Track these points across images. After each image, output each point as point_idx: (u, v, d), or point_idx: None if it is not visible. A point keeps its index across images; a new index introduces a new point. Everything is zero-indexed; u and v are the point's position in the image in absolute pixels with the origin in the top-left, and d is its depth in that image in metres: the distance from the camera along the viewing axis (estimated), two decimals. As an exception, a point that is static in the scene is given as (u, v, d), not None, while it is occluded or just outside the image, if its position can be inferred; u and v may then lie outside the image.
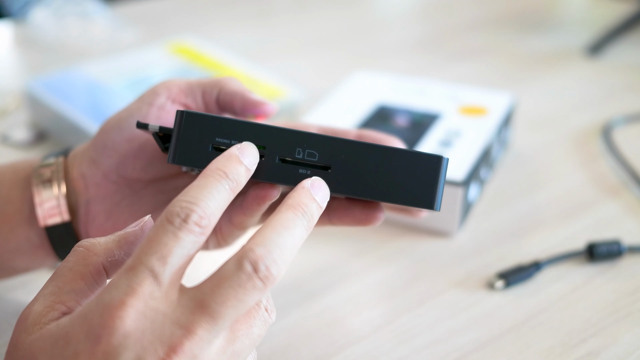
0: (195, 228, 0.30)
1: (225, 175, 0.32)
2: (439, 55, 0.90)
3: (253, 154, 0.34)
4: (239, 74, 0.74)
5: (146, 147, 0.42)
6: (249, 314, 0.32)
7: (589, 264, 0.51)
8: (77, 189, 0.42)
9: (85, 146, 0.43)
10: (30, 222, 0.42)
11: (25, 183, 0.43)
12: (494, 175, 0.63)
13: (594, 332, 0.45)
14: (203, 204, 0.31)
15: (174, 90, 0.41)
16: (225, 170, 0.32)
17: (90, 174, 0.42)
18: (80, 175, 0.42)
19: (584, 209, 0.58)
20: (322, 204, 0.34)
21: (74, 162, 0.43)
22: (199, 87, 0.42)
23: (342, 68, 0.82)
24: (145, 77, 0.73)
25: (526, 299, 0.48)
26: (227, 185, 0.32)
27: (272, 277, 0.30)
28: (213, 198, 0.31)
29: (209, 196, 0.31)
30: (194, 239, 0.30)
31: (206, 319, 0.29)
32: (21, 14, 1.11)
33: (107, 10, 0.96)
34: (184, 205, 0.30)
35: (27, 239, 0.43)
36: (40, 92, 0.68)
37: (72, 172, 0.42)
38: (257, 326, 0.32)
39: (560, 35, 0.96)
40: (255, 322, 0.32)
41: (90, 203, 0.42)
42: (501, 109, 0.63)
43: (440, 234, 0.55)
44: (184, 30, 0.90)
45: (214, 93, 0.41)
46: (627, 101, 0.77)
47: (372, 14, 1.10)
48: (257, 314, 0.32)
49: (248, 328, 0.32)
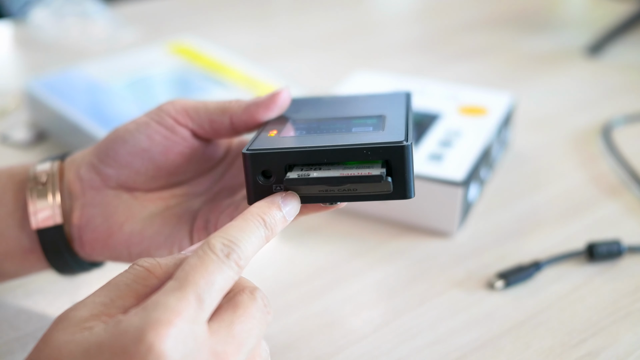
0: (235, 266, 0.31)
1: (263, 223, 0.34)
2: (439, 55, 0.90)
3: (294, 205, 0.35)
4: (239, 74, 0.74)
5: (149, 163, 0.41)
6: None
7: (589, 264, 0.51)
8: (73, 191, 0.42)
9: (87, 151, 0.43)
10: (22, 225, 0.42)
11: (20, 186, 0.42)
12: (494, 175, 0.63)
13: (594, 332, 0.45)
14: (242, 245, 0.32)
15: (181, 113, 0.41)
16: (264, 217, 0.34)
17: (88, 178, 0.42)
18: (77, 178, 0.42)
19: (584, 209, 0.58)
20: (288, 217, 0.35)
21: (72, 165, 0.42)
22: (206, 114, 0.41)
23: (342, 68, 0.82)
24: (145, 77, 0.73)
25: (526, 299, 0.48)
26: (263, 232, 0.33)
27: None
28: (250, 242, 0.32)
29: (247, 239, 0.32)
30: (232, 274, 0.31)
31: (236, 348, 0.30)
32: (21, 14, 1.11)
33: (107, 10, 0.96)
34: (226, 243, 0.31)
35: (18, 243, 0.42)
36: (40, 92, 0.68)
37: (69, 174, 0.42)
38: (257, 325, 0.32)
39: (560, 35, 0.97)
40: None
41: (86, 206, 0.42)
42: (501, 109, 0.63)
43: (440, 234, 0.55)
44: (184, 30, 0.90)
45: (225, 121, 0.41)
46: (627, 101, 0.77)
47: (372, 14, 1.10)
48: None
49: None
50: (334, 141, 0.35)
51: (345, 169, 0.35)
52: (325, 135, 0.37)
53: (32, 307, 0.47)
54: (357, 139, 0.35)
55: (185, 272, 0.30)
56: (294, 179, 0.34)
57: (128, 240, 0.42)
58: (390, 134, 0.36)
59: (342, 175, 0.34)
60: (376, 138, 0.35)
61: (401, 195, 0.35)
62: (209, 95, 0.69)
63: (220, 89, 0.71)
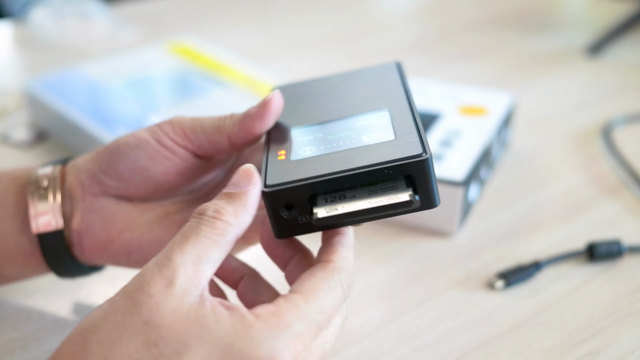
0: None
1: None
2: (439, 55, 0.90)
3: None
4: (239, 74, 0.74)
5: (149, 181, 0.41)
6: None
7: (589, 264, 0.51)
8: (74, 196, 0.42)
9: (88, 157, 0.43)
10: (22, 229, 0.42)
11: (21, 189, 0.42)
12: (494, 175, 0.63)
13: (594, 332, 0.45)
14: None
15: (180, 135, 0.41)
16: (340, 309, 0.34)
17: (89, 185, 0.42)
18: (79, 184, 0.42)
19: (584, 209, 0.58)
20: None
21: (73, 170, 0.42)
22: (204, 135, 0.40)
23: (342, 68, 0.82)
24: (145, 77, 0.73)
25: (526, 299, 0.48)
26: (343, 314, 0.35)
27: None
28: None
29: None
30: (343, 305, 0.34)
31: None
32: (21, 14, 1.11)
33: (107, 10, 0.96)
34: (350, 283, 0.33)
35: (18, 246, 0.42)
36: (40, 92, 0.68)
37: (70, 178, 0.42)
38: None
39: (560, 35, 0.96)
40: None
41: (86, 212, 0.42)
42: (501, 109, 0.63)
43: (440, 234, 0.55)
44: (184, 30, 0.90)
45: (223, 141, 0.40)
46: (627, 101, 0.77)
47: (372, 14, 1.10)
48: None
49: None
50: (351, 161, 0.34)
51: (371, 193, 0.33)
52: (338, 150, 0.35)
53: (32, 307, 0.47)
54: (374, 155, 0.34)
55: (318, 298, 0.32)
56: (325, 217, 0.33)
57: (127, 248, 0.42)
58: (405, 143, 0.34)
59: (372, 207, 0.33)
60: (394, 152, 0.34)
61: (427, 206, 0.34)
62: (209, 95, 0.69)
63: (220, 89, 0.71)
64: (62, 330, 0.45)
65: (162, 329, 0.29)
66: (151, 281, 0.30)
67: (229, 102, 0.68)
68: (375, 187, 0.34)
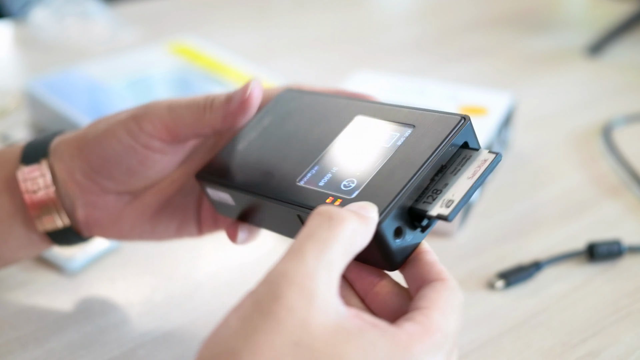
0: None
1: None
2: (439, 55, 0.90)
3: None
4: (239, 74, 0.74)
5: (146, 179, 0.42)
6: None
7: (589, 264, 0.51)
8: (70, 192, 0.42)
9: (74, 152, 0.41)
10: (26, 224, 0.42)
11: (10, 186, 0.42)
12: (494, 175, 0.63)
13: (594, 332, 0.45)
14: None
15: (162, 132, 0.40)
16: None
17: (86, 184, 0.41)
18: (74, 182, 0.41)
19: (584, 209, 0.58)
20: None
21: (61, 165, 0.41)
22: (187, 128, 0.40)
23: (342, 68, 0.82)
24: (145, 77, 0.73)
25: (526, 299, 0.48)
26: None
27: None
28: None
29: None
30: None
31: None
32: (21, 14, 1.11)
33: (107, 10, 0.96)
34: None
35: (27, 238, 0.43)
36: (40, 92, 0.68)
37: (61, 174, 0.42)
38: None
39: (560, 35, 0.96)
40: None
41: (89, 207, 0.42)
42: (501, 109, 0.63)
43: (440, 234, 0.55)
44: (184, 30, 0.90)
45: (209, 132, 0.40)
46: (627, 101, 0.77)
47: (372, 14, 1.10)
48: None
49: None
50: (413, 160, 0.33)
51: (455, 173, 0.33)
52: (384, 165, 0.34)
53: (32, 307, 0.47)
54: (420, 145, 0.33)
55: (451, 314, 0.31)
56: (452, 210, 0.32)
57: (140, 236, 0.44)
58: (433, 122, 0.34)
59: (474, 181, 0.32)
60: (438, 132, 0.34)
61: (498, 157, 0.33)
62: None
63: (220, 89, 0.71)
64: (62, 330, 0.45)
65: (316, 352, 0.26)
66: (288, 291, 0.27)
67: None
68: (450, 169, 0.33)
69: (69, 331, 0.45)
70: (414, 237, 0.33)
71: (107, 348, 0.44)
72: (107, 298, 0.48)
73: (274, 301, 0.27)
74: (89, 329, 0.45)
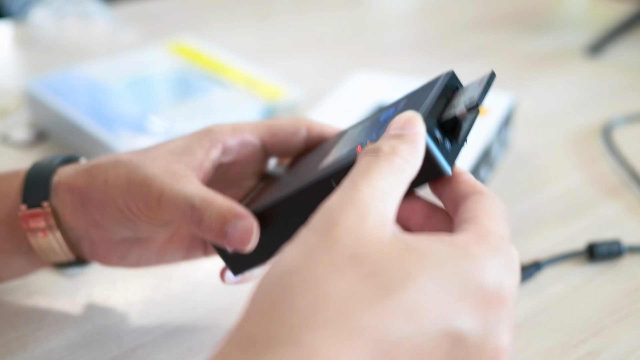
0: None
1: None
2: (439, 55, 0.90)
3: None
4: (239, 74, 0.74)
5: (126, 222, 0.40)
6: None
7: (589, 264, 0.51)
8: (74, 228, 0.41)
9: (77, 202, 0.40)
10: (30, 251, 0.42)
11: (11, 223, 0.41)
12: (494, 175, 0.63)
13: (594, 332, 0.45)
14: None
15: (151, 214, 0.38)
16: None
17: (93, 231, 0.41)
18: (79, 226, 0.41)
19: (584, 209, 0.58)
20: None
21: (65, 211, 0.40)
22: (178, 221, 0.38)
23: (342, 68, 0.82)
24: (145, 77, 0.73)
25: (526, 299, 0.48)
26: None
27: None
28: None
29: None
30: None
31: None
32: (21, 14, 1.11)
33: (107, 10, 0.96)
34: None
35: (29, 261, 0.43)
36: (40, 92, 0.68)
37: (67, 218, 0.41)
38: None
39: (560, 35, 0.96)
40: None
41: (95, 243, 0.42)
42: (501, 109, 0.63)
43: (440, 234, 0.55)
44: (184, 30, 0.90)
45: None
46: (627, 101, 0.77)
47: (372, 14, 1.10)
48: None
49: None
50: (422, 89, 0.38)
51: (463, 93, 0.37)
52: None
53: (32, 307, 0.47)
54: (423, 88, 0.39)
55: (498, 220, 0.30)
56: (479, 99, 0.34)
57: (147, 266, 0.44)
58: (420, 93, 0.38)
59: (483, 88, 0.35)
60: (433, 82, 0.38)
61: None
62: (209, 95, 0.69)
63: (220, 89, 0.71)
64: (62, 330, 0.45)
65: (373, 261, 0.26)
66: (343, 214, 0.27)
67: (229, 102, 0.68)
68: (455, 95, 0.37)
69: (69, 331, 0.45)
70: (452, 147, 0.34)
71: (107, 348, 0.44)
72: (107, 298, 0.48)
73: (328, 223, 0.27)
74: (89, 329, 0.45)
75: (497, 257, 0.28)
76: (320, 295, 0.25)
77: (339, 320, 0.25)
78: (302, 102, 0.71)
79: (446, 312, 0.26)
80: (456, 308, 0.26)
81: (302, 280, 0.26)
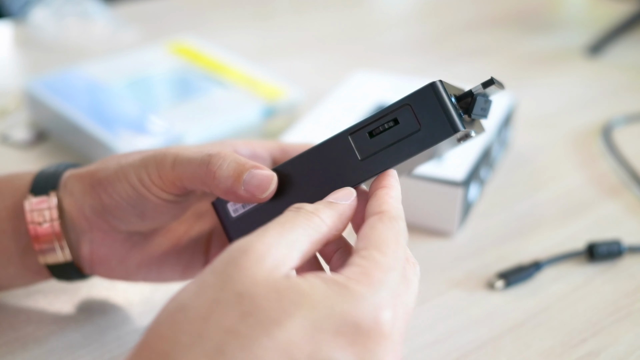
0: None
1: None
2: (439, 55, 0.90)
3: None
4: (239, 74, 0.74)
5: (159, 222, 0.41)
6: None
7: (589, 264, 0.51)
8: (77, 226, 0.41)
9: (87, 189, 0.41)
10: (26, 255, 0.42)
11: (17, 215, 0.41)
12: (494, 175, 0.63)
13: (594, 332, 0.45)
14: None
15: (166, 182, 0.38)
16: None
17: (96, 220, 0.41)
18: (83, 216, 0.41)
19: (584, 209, 0.58)
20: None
21: (70, 199, 0.41)
22: (191, 185, 0.38)
23: (342, 68, 0.82)
24: (145, 77, 0.73)
25: (526, 299, 0.48)
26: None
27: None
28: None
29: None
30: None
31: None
32: (21, 14, 1.11)
33: (107, 10, 0.96)
34: (406, 236, 0.33)
35: (25, 268, 0.42)
36: (40, 92, 0.68)
37: (70, 209, 0.41)
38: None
39: (560, 35, 0.96)
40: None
41: (95, 244, 0.42)
42: (501, 109, 0.63)
43: (440, 234, 0.55)
44: (184, 30, 0.90)
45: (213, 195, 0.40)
46: (627, 101, 0.77)
47: (372, 14, 1.10)
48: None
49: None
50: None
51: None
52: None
53: (32, 307, 0.47)
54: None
55: (389, 248, 0.31)
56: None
57: (144, 277, 0.44)
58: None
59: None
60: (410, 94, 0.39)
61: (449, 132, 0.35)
62: (209, 95, 0.69)
63: (220, 89, 0.71)
64: (62, 330, 0.45)
65: (257, 299, 0.28)
66: (244, 256, 0.29)
67: (229, 102, 0.68)
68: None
69: (69, 331, 0.45)
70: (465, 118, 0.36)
71: (107, 348, 0.44)
72: (107, 298, 0.48)
73: (228, 264, 0.29)
74: (89, 329, 0.45)
75: (378, 292, 0.29)
76: (200, 332, 0.27)
77: (215, 357, 0.27)
78: (302, 102, 0.71)
79: (320, 348, 0.27)
80: (331, 344, 0.28)
81: (187, 316, 0.28)
